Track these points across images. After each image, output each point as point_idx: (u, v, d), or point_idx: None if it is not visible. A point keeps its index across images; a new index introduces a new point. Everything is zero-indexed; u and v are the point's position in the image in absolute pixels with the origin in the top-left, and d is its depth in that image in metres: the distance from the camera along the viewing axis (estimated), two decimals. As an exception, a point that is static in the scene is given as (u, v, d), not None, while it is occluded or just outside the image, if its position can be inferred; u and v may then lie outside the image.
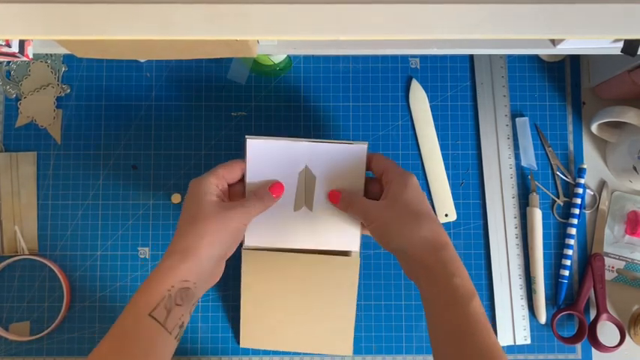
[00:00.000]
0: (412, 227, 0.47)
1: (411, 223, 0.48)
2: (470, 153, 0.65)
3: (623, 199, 0.64)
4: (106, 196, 0.64)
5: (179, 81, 0.65)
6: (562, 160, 0.65)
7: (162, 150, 0.64)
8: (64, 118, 0.65)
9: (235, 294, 0.62)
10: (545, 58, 0.66)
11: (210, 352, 0.62)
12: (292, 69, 0.65)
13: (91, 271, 0.63)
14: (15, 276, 0.63)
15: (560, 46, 0.46)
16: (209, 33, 0.33)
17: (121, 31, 0.33)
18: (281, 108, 0.65)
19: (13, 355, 0.62)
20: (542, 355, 0.63)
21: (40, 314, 0.62)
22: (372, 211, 0.50)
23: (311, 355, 0.62)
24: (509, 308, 0.63)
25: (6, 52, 0.43)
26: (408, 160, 0.64)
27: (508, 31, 0.33)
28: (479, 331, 0.43)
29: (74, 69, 0.65)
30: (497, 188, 0.64)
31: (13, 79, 0.65)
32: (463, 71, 0.66)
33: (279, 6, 0.33)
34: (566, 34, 0.34)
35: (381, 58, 0.65)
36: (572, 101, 0.65)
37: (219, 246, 0.47)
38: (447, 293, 0.45)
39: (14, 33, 0.33)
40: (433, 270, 0.46)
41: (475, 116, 0.65)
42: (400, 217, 0.48)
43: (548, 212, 0.64)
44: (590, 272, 0.62)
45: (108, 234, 0.64)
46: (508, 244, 0.63)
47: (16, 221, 0.63)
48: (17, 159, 0.64)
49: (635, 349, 0.62)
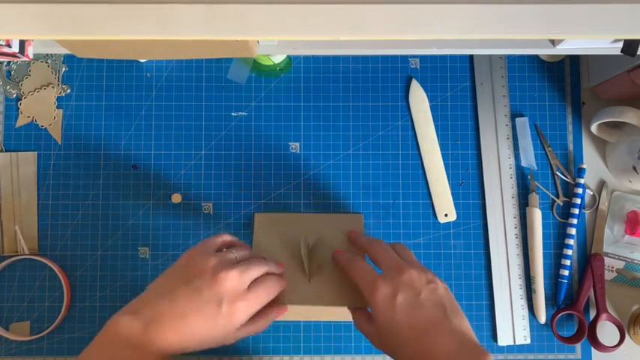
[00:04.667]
0: (402, 357, 0.45)
1: (400, 353, 0.45)
2: (470, 153, 0.65)
3: (622, 199, 0.64)
4: (106, 196, 0.64)
5: (179, 81, 0.65)
6: (562, 160, 0.65)
7: (162, 150, 0.64)
8: (64, 118, 0.65)
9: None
10: (545, 58, 0.66)
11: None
12: (292, 69, 0.65)
13: (91, 271, 0.63)
14: (15, 276, 0.63)
15: (560, 46, 0.46)
16: (209, 33, 0.33)
17: (121, 31, 0.33)
18: (281, 108, 0.65)
19: (13, 355, 0.62)
20: (542, 354, 0.63)
21: (40, 314, 0.62)
22: (368, 337, 0.49)
23: (320, 355, 0.62)
24: (509, 308, 0.63)
25: (6, 52, 0.43)
26: (408, 160, 0.65)
27: (508, 31, 0.33)
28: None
29: (74, 69, 0.65)
30: (497, 188, 0.64)
31: (14, 79, 0.65)
32: (463, 71, 0.66)
33: (279, 6, 0.33)
34: (566, 34, 0.34)
35: (381, 58, 0.65)
36: (572, 101, 0.65)
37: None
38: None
39: (14, 33, 0.33)
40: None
41: (475, 116, 0.65)
42: (388, 346, 0.46)
43: (547, 212, 0.64)
44: (589, 272, 0.62)
45: (108, 234, 0.64)
46: (508, 244, 0.63)
47: (16, 221, 0.63)
48: (17, 159, 0.64)
49: (634, 349, 0.62)
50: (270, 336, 0.62)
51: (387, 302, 0.46)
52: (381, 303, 0.46)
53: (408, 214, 0.64)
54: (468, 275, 0.63)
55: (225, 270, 0.45)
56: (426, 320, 0.45)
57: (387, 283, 0.46)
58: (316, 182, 0.64)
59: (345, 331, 0.62)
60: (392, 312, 0.45)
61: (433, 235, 0.64)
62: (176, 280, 0.46)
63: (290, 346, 0.62)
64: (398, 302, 0.45)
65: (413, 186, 0.64)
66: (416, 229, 0.64)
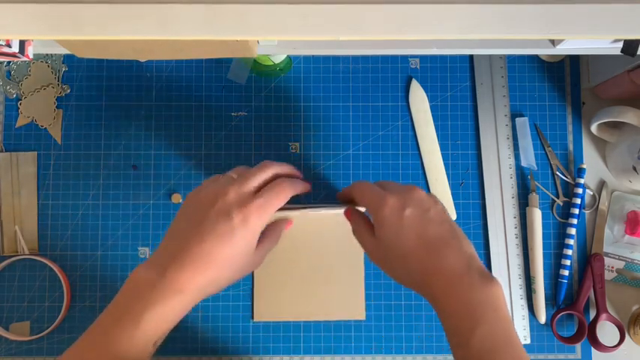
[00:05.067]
0: (401, 272, 0.45)
1: (400, 267, 0.45)
2: (470, 153, 0.65)
3: (622, 199, 0.64)
4: (106, 196, 0.64)
5: (179, 81, 0.65)
6: (562, 160, 0.65)
7: (162, 150, 0.64)
8: (64, 118, 0.65)
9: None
10: (545, 58, 0.66)
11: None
12: (292, 69, 0.65)
13: (91, 271, 0.63)
14: (15, 276, 0.63)
15: (560, 46, 0.46)
16: (209, 33, 0.33)
17: (121, 31, 0.33)
18: (281, 108, 0.65)
19: (13, 355, 0.62)
20: (542, 354, 0.63)
21: (40, 314, 0.62)
22: (367, 249, 0.48)
23: (320, 355, 0.62)
24: (509, 308, 0.63)
25: (6, 52, 0.43)
26: (408, 160, 0.65)
27: (508, 31, 0.33)
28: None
29: (74, 69, 0.65)
30: (497, 188, 0.64)
31: (13, 79, 0.65)
32: (463, 71, 0.66)
33: (279, 6, 0.33)
34: (566, 34, 0.34)
35: (381, 58, 0.65)
36: (572, 101, 0.65)
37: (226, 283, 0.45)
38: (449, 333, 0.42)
39: (14, 33, 0.33)
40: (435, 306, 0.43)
41: (475, 116, 0.65)
42: (387, 260, 0.46)
43: (547, 212, 0.64)
44: (589, 272, 0.62)
45: (108, 234, 0.64)
46: (508, 244, 0.63)
47: (16, 221, 0.63)
48: (17, 159, 0.64)
49: (634, 349, 0.62)
50: (270, 336, 0.62)
51: (395, 214, 0.44)
52: (390, 215, 0.44)
53: (408, 214, 0.64)
54: (468, 275, 0.63)
55: (223, 188, 0.44)
56: (435, 235, 0.43)
57: (396, 198, 0.45)
58: (316, 182, 0.64)
59: (345, 331, 0.62)
60: (400, 222, 0.43)
61: (433, 235, 0.64)
62: (182, 222, 0.45)
63: (290, 346, 0.62)
64: (406, 214, 0.44)
65: (413, 186, 0.64)
66: (416, 229, 0.64)
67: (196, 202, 0.45)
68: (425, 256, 0.43)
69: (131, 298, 0.42)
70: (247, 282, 0.63)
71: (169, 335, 0.41)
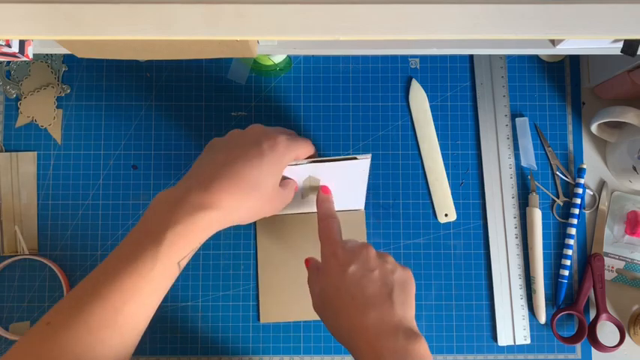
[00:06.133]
0: (333, 323, 0.46)
1: (332, 320, 0.46)
2: (470, 153, 0.65)
3: (622, 199, 0.64)
4: (106, 196, 0.64)
5: (179, 81, 0.65)
6: (562, 160, 0.65)
7: (162, 150, 0.64)
8: (64, 118, 0.65)
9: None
10: (545, 58, 0.66)
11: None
12: (292, 69, 0.65)
13: (91, 271, 0.63)
14: (15, 276, 0.63)
15: (560, 46, 0.46)
16: (209, 33, 0.33)
17: (121, 31, 0.33)
18: (281, 108, 0.65)
19: (13, 355, 0.62)
20: (542, 355, 0.63)
21: (40, 314, 0.62)
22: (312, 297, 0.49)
23: (320, 355, 0.62)
24: (509, 308, 0.63)
25: (6, 52, 0.43)
26: (408, 160, 0.64)
27: (508, 31, 0.33)
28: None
29: (74, 69, 0.65)
30: (497, 188, 0.64)
31: (13, 79, 0.65)
32: (463, 71, 0.66)
33: (279, 6, 0.33)
34: (566, 34, 0.34)
35: (381, 58, 0.65)
36: (572, 101, 0.65)
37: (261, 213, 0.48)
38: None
39: (14, 33, 0.33)
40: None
41: (475, 116, 0.65)
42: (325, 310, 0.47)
43: (547, 212, 0.64)
44: (589, 272, 0.62)
45: (108, 234, 0.64)
46: (508, 244, 0.63)
47: (16, 221, 0.63)
48: (17, 159, 0.64)
49: (634, 349, 0.62)
50: (271, 336, 0.62)
51: (338, 268, 0.46)
52: (334, 267, 0.46)
53: (408, 214, 0.64)
54: (468, 275, 0.63)
55: (251, 127, 0.48)
56: (370, 295, 0.44)
57: (347, 252, 0.46)
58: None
59: (345, 331, 0.62)
60: (342, 277, 0.45)
61: (433, 235, 0.64)
62: (209, 155, 0.46)
63: (290, 346, 0.62)
64: (350, 271, 0.45)
65: (413, 186, 0.64)
66: (416, 229, 0.64)
67: (221, 140, 0.47)
68: (354, 313, 0.44)
69: (152, 219, 0.43)
70: (248, 282, 0.63)
71: (170, 335, 0.41)
